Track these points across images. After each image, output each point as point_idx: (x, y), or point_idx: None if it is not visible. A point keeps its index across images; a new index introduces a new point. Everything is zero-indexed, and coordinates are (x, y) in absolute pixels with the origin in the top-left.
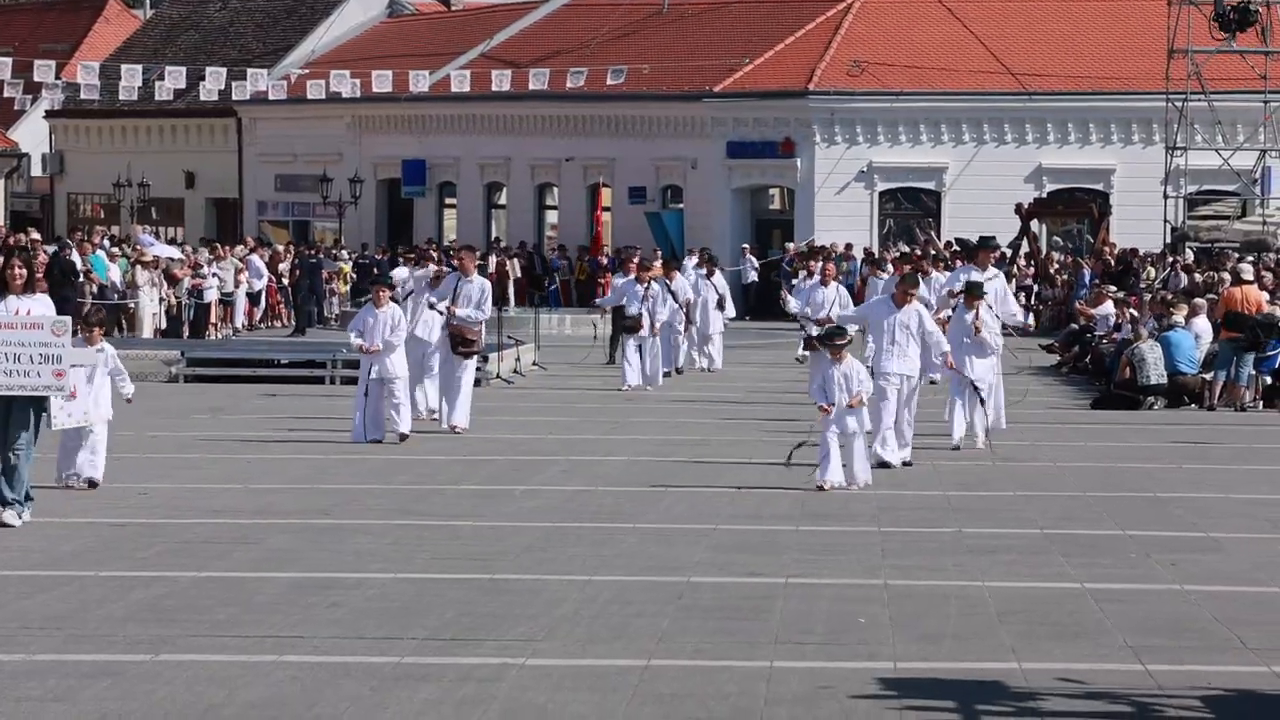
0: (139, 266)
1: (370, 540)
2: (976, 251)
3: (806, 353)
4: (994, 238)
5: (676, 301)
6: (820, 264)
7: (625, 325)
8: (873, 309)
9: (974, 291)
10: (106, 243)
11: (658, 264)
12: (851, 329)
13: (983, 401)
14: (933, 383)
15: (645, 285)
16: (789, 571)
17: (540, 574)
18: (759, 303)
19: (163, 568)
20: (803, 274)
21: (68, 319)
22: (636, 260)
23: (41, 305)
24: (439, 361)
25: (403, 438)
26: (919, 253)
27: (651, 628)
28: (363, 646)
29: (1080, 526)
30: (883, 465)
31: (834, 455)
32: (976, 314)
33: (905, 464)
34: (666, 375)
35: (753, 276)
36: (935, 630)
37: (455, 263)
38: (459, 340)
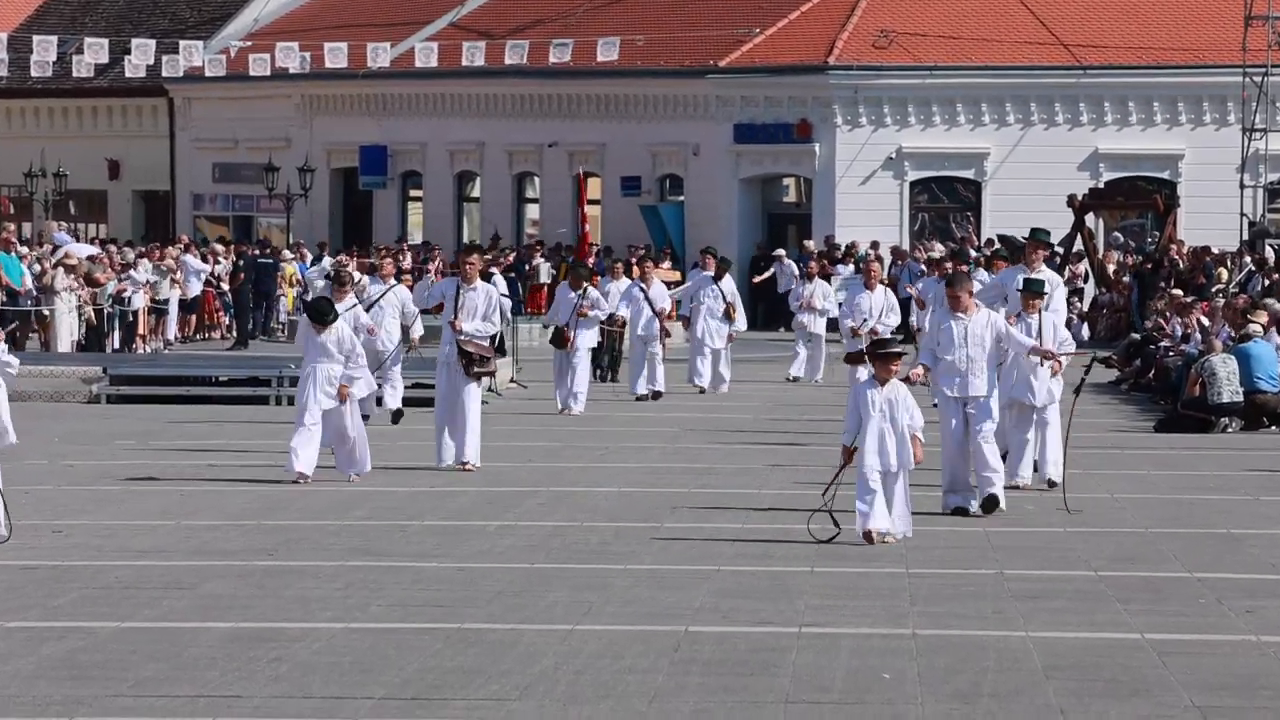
0: (60, 269)
1: (320, 585)
2: (1024, 247)
3: (797, 375)
4: (1047, 232)
5: (653, 310)
6: (860, 265)
7: (553, 338)
8: (933, 318)
9: (1033, 289)
10: (15, 242)
11: (665, 263)
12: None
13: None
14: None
15: (580, 292)
16: (803, 620)
17: (515, 623)
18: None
19: (79, 617)
20: (795, 277)
21: None
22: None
23: None
24: (448, 389)
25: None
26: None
27: (644, 685)
28: (310, 707)
29: (1140, 568)
30: (959, 511)
31: (879, 496)
32: (1039, 325)
33: (989, 499)
34: (645, 398)
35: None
36: (971, 687)
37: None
38: (471, 361)
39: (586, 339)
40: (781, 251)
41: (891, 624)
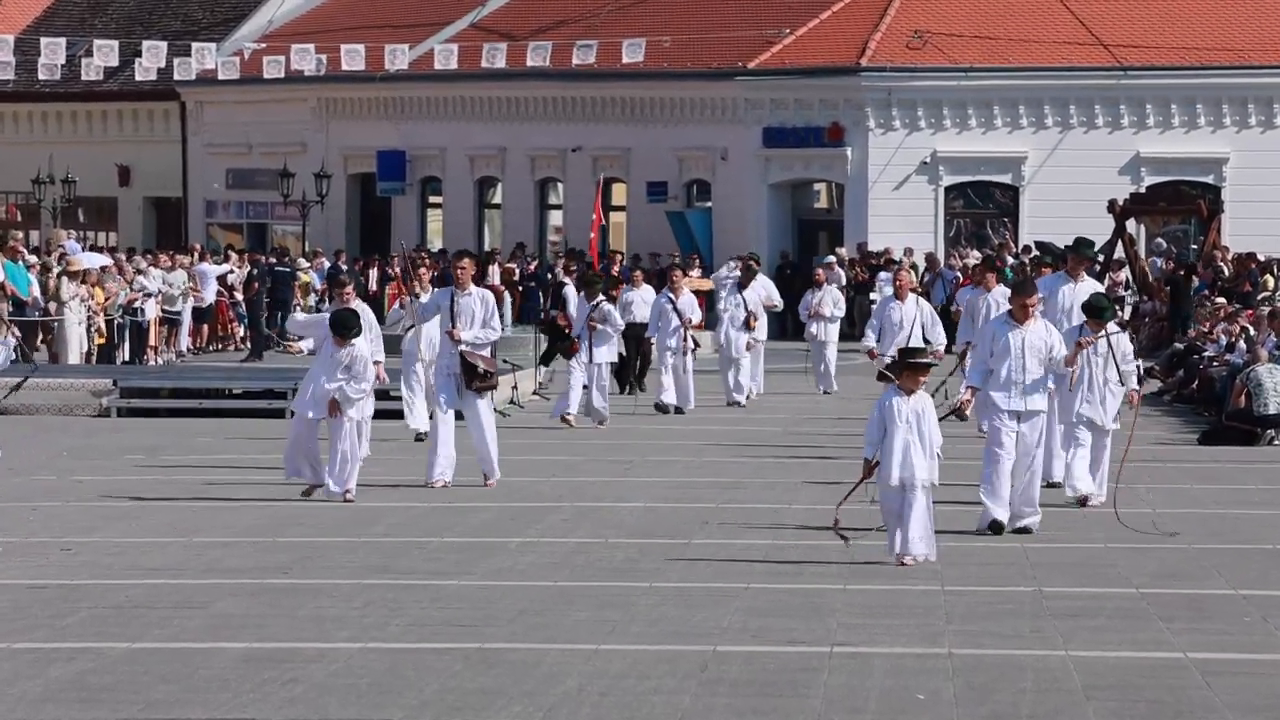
0: (65, 278)
1: (336, 604)
2: (1065, 255)
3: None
4: (1091, 243)
5: (680, 320)
6: (890, 274)
7: (562, 348)
8: (986, 329)
9: (1099, 312)
10: (23, 250)
11: (695, 272)
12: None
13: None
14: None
15: (593, 304)
16: (835, 639)
17: (538, 643)
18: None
19: (89, 638)
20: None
21: None
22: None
23: None
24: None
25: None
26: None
27: (670, 707)
28: None
29: (1184, 585)
30: (994, 526)
31: (908, 518)
32: (1096, 340)
33: (1021, 530)
34: (666, 410)
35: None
36: (1008, 709)
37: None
38: (472, 373)
39: (602, 353)
40: (832, 259)
41: (926, 643)
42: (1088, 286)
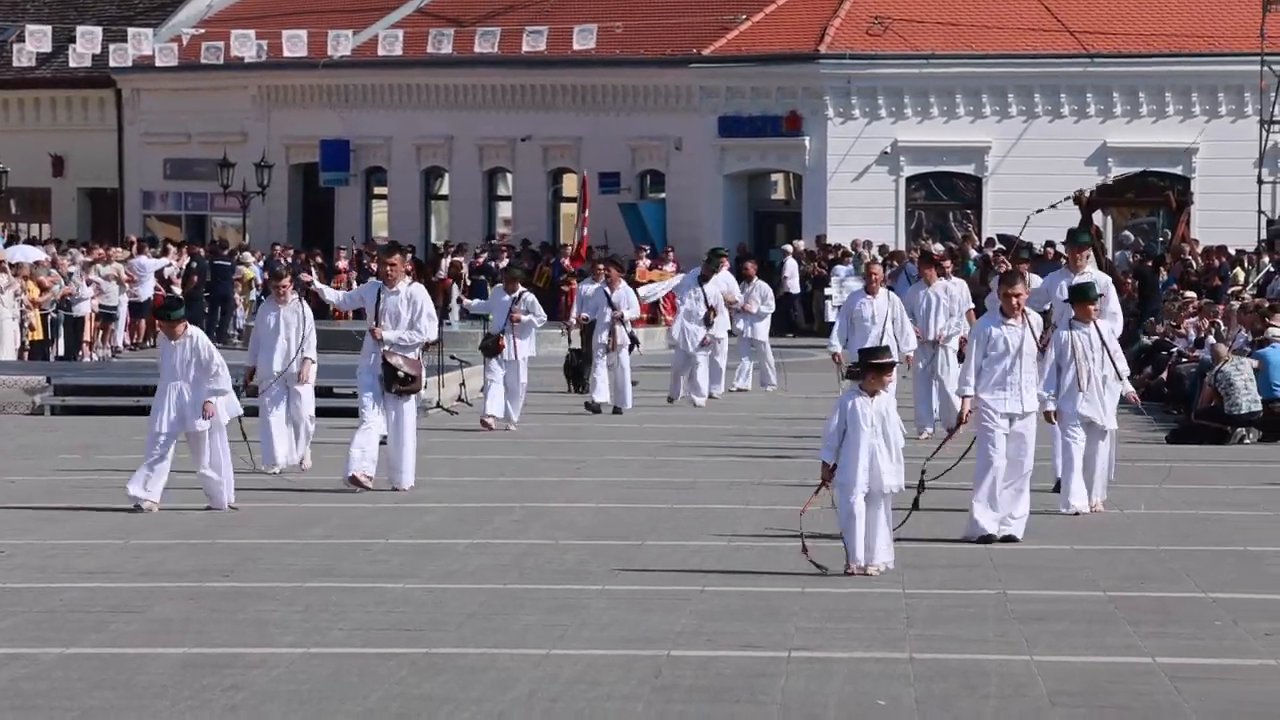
0: None
1: (278, 608)
2: (1027, 246)
3: (743, 386)
4: (1086, 232)
5: (613, 315)
6: (861, 265)
7: (484, 344)
8: (978, 332)
9: (1086, 295)
10: None
11: (670, 266)
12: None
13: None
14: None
15: (515, 296)
16: (793, 643)
17: (487, 647)
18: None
19: (22, 642)
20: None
21: None
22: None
23: None
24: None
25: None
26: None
27: (624, 713)
28: None
29: (1152, 588)
30: (985, 540)
31: (871, 524)
32: (1099, 336)
33: (1007, 538)
34: (595, 409)
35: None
36: (971, 715)
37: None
38: (392, 375)
39: (525, 347)
40: (856, 261)
41: (887, 648)
42: (1093, 277)
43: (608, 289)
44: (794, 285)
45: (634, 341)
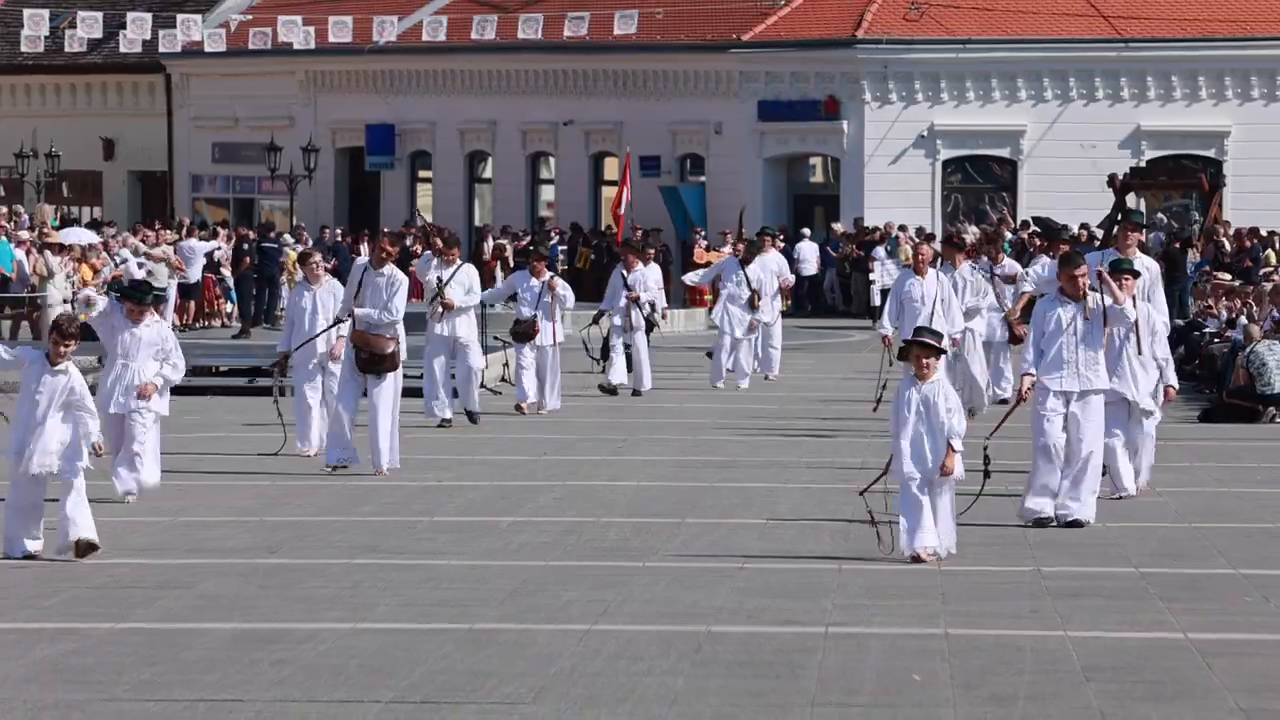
0: (48, 253)
1: (326, 584)
2: (1061, 229)
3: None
4: (1140, 213)
5: (627, 296)
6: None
7: (516, 329)
8: (1038, 310)
9: (1124, 267)
10: (7, 225)
11: (727, 248)
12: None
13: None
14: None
15: (541, 281)
16: (830, 619)
17: (530, 623)
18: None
19: (72, 618)
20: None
21: None
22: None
23: None
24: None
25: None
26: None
27: (663, 688)
28: (315, 712)
29: (1184, 564)
30: (1040, 524)
31: (925, 510)
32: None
33: (1072, 523)
34: (612, 391)
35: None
36: (1006, 690)
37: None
38: (362, 353)
39: (559, 331)
40: (884, 249)
41: (923, 624)
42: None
43: (624, 271)
44: (808, 269)
45: (651, 324)
